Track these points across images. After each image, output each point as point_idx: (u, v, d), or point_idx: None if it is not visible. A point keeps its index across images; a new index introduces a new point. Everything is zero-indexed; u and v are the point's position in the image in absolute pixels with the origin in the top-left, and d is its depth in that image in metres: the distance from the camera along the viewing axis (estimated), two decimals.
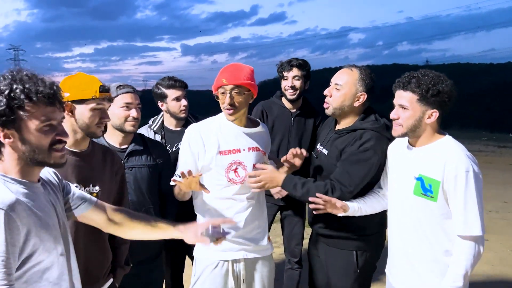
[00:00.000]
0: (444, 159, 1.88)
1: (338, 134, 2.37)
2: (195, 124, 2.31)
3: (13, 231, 1.23)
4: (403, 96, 1.95)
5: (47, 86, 1.36)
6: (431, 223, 1.95)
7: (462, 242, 1.87)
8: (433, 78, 1.90)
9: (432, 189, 1.91)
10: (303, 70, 3.18)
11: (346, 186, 2.18)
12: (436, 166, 1.89)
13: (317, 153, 2.47)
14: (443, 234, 1.93)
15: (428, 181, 1.92)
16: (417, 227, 1.99)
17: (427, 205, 1.94)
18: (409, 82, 1.93)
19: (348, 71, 2.34)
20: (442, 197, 1.89)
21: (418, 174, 1.95)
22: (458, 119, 25.11)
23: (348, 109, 2.33)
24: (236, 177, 2.21)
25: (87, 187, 1.93)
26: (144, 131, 3.11)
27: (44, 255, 1.34)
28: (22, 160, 1.36)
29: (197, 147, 2.18)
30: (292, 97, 3.18)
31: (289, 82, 3.16)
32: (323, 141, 2.46)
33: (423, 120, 1.93)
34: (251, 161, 2.23)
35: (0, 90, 1.30)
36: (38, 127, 1.34)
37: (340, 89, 2.31)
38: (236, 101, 2.14)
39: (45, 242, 1.35)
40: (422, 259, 1.99)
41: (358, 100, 2.31)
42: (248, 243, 2.24)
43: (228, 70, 2.17)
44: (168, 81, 3.02)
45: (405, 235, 2.05)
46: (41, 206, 1.38)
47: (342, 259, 2.38)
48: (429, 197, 1.92)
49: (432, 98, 1.89)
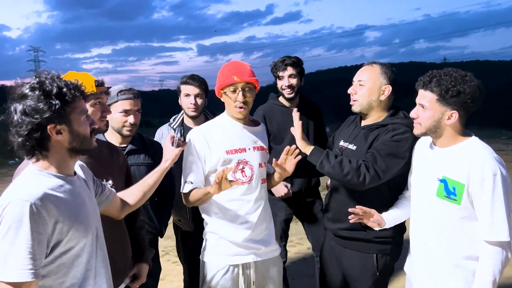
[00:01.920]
0: (469, 162, 1.82)
1: (367, 129, 2.34)
2: (196, 128, 2.28)
3: (38, 221, 1.32)
4: (423, 95, 1.92)
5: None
6: (452, 226, 1.90)
7: (488, 247, 1.81)
8: (455, 78, 1.84)
9: (456, 191, 1.85)
10: (297, 67, 3.19)
11: (378, 166, 2.16)
12: (461, 169, 1.84)
13: (342, 149, 2.42)
14: (465, 237, 1.89)
15: (452, 183, 1.87)
16: (437, 229, 1.95)
17: (449, 208, 1.89)
18: (430, 81, 1.88)
19: (369, 67, 2.35)
20: (467, 200, 1.84)
21: (442, 176, 1.90)
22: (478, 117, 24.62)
23: (375, 103, 2.32)
24: (244, 177, 2.17)
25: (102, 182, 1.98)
26: (165, 129, 3.15)
27: (74, 242, 1.44)
28: (68, 152, 1.48)
29: (203, 150, 2.16)
30: (290, 95, 3.19)
31: (285, 81, 3.16)
32: (348, 138, 2.42)
33: (443, 121, 1.89)
34: (257, 160, 2.20)
35: (47, 90, 1.41)
36: (82, 119, 1.47)
37: (364, 84, 2.31)
38: (248, 99, 2.14)
39: (75, 231, 1.43)
40: (441, 262, 1.94)
41: (383, 93, 2.30)
42: (257, 246, 2.21)
43: (235, 67, 2.15)
44: (185, 78, 3.05)
45: (425, 237, 2.02)
46: (74, 197, 1.48)
47: (361, 262, 2.34)
48: (452, 200, 1.87)
49: (452, 99, 1.84)
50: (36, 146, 1.42)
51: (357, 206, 2.12)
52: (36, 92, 1.39)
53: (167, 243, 5.13)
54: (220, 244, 2.19)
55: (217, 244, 2.20)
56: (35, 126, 1.39)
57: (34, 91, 1.39)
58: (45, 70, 1.47)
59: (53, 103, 1.39)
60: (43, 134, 1.41)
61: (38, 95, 1.39)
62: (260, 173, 2.22)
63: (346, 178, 2.14)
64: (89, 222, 1.51)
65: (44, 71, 1.46)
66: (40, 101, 1.38)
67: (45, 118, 1.38)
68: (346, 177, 2.13)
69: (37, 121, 1.38)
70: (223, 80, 2.16)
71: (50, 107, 1.38)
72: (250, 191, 2.18)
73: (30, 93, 1.39)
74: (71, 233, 1.42)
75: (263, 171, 2.26)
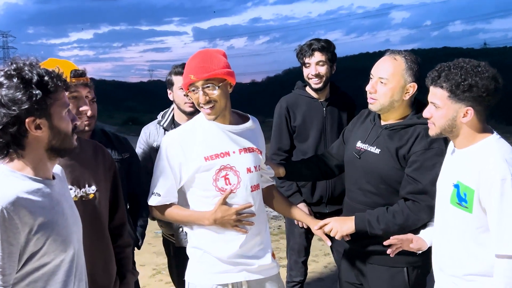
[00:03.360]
0: (480, 164, 1.86)
1: (391, 129, 2.36)
2: (170, 132, 2.27)
3: (9, 229, 1.31)
4: (434, 92, 1.96)
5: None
6: (465, 237, 1.94)
7: (499, 262, 1.84)
8: (466, 70, 1.87)
9: (467, 198, 1.89)
10: (327, 53, 3.14)
11: (422, 199, 2.22)
12: (472, 172, 1.88)
13: (359, 152, 2.44)
14: (479, 251, 1.92)
15: (463, 189, 1.91)
16: (450, 241, 2.00)
17: (463, 217, 1.93)
18: (439, 76, 1.92)
19: (391, 61, 2.33)
20: (479, 208, 1.87)
21: (456, 181, 1.95)
22: None
23: (397, 103, 2.34)
24: (227, 185, 2.14)
25: (83, 188, 1.98)
26: (153, 127, 3.14)
27: (50, 257, 1.42)
28: (46, 152, 1.47)
29: (177, 159, 2.13)
30: (318, 85, 3.16)
31: (312, 69, 3.13)
32: (367, 138, 2.44)
33: (458, 119, 1.92)
34: (245, 164, 2.18)
35: (27, 78, 1.39)
36: (64, 113, 1.47)
37: (386, 83, 2.31)
38: (212, 97, 2.08)
39: (52, 244, 1.42)
40: (456, 277, 2.00)
41: (408, 92, 2.31)
42: (250, 261, 2.19)
43: (193, 62, 2.11)
44: (179, 67, 3.01)
45: (439, 248, 2.07)
46: (52, 204, 1.47)
47: (391, 277, 2.36)
48: (463, 207, 1.91)
49: (464, 94, 1.87)
50: (10, 143, 1.40)
51: (391, 237, 2.19)
52: (14, 80, 1.37)
53: (159, 260, 5.15)
54: (204, 260, 2.18)
55: (200, 260, 2.19)
56: (11, 119, 1.37)
57: (11, 78, 1.38)
58: (21, 56, 1.46)
59: (33, 93, 1.37)
60: (20, 129, 1.39)
61: (16, 83, 1.37)
62: (249, 179, 2.19)
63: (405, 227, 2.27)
64: (68, 235, 1.49)
65: (20, 56, 1.45)
66: (19, 90, 1.36)
67: (24, 110, 1.37)
68: (403, 227, 2.26)
69: (14, 113, 1.36)
70: (183, 79, 2.17)
71: (30, 98, 1.37)
72: (237, 199, 2.16)
73: (6, 81, 1.38)
74: (47, 245, 1.41)
75: (254, 176, 2.22)
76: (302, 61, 3.18)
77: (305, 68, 3.18)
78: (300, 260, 3.34)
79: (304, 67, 3.19)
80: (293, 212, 2.49)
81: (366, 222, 2.30)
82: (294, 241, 3.36)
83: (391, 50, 2.39)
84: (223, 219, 2.11)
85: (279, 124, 3.26)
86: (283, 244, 3.70)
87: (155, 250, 5.34)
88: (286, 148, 3.25)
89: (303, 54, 3.16)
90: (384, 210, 2.31)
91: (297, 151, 3.25)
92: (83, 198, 1.96)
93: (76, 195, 1.94)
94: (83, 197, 1.96)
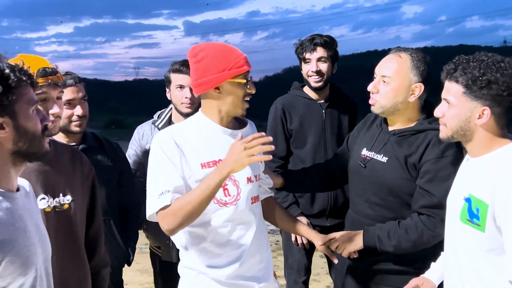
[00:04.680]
0: (496, 175, 1.78)
1: (399, 135, 2.36)
2: (165, 130, 2.19)
3: None
4: (448, 88, 1.89)
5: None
6: (477, 260, 1.86)
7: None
8: (486, 64, 1.80)
9: (479, 214, 1.81)
10: (330, 49, 3.17)
11: (437, 214, 2.21)
12: (486, 184, 1.80)
13: (365, 161, 2.44)
14: (493, 277, 1.82)
15: (476, 203, 1.82)
16: (460, 264, 1.93)
17: (474, 237, 1.84)
18: (455, 69, 1.86)
19: (395, 58, 2.33)
20: (493, 226, 1.78)
21: (468, 194, 1.87)
22: None
23: (402, 106, 2.33)
24: (226, 197, 2.10)
25: (57, 197, 1.94)
26: (147, 128, 3.17)
27: (6, 281, 1.36)
28: (10, 157, 1.41)
29: (177, 152, 2.03)
30: (318, 84, 3.18)
31: (313, 65, 3.15)
32: (373, 146, 2.44)
33: (472, 120, 1.84)
34: (246, 173, 2.13)
35: None
36: (31, 112, 1.42)
37: (389, 82, 2.30)
38: None
39: (9, 265, 1.36)
40: None
41: (413, 94, 2.30)
42: (249, 283, 2.15)
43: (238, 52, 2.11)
44: (176, 65, 3.07)
45: (450, 272, 2.01)
46: (13, 220, 1.40)
47: None
48: (475, 224, 1.83)
49: (482, 91, 1.79)
50: None
51: None
52: None
53: (143, 279, 5.14)
54: (199, 281, 2.13)
55: (195, 282, 2.14)
56: None
57: None
58: None
59: None
60: None
61: None
62: (249, 190, 2.15)
63: (419, 244, 2.28)
64: (30, 256, 1.43)
65: None
66: None
67: None
68: (417, 244, 2.28)
69: None
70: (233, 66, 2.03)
71: None
72: (237, 214, 2.11)
73: None
74: (3, 267, 1.34)
75: (254, 187, 2.19)
76: (302, 57, 3.20)
77: (305, 65, 3.20)
78: (301, 280, 3.32)
79: (304, 63, 3.21)
80: (295, 227, 2.47)
81: (376, 238, 2.29)
82: (293, 259, 3.35)
83: (397, 47, 2.39)
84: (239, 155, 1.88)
85: (274, 127, 3.26)
86: (281, 261, 3.68)
87: (139, 268, 5.31)
88: (282, 154, 3.24)
89: (304, 49, 3.17)
90: (396, 224, 2.30)
91: (294, 157, 3.25)
92: (57, 208, 1.93)
93: (49, 205, 1.91)
94: (56, 207, 1.93)
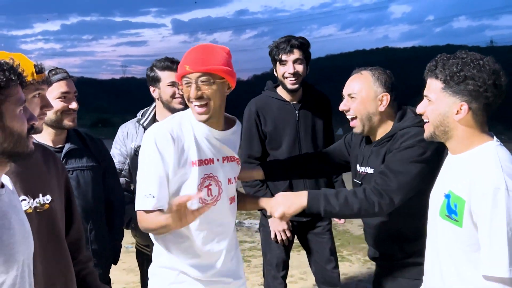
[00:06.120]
0: (473, 171, 1.83)
1: (378, 145, 2.47)
2: (161, 123, 2.17)
3: None
4: (428, 84, 1.95)
5: (12, 63, 1.42)
6: (456, 256, 1.90)
7: (485, 285, 1.78)
8: (464, 61, 1.85)
9: (457, 210, 1.86)
10: (305, 51, 3.24)
11: (389, 186, 2.23)
12: (464, 180, 1.85)
13: (361, 177, 2.53)
14: (471, 273, 1.84)
15: (454, 199, 1.88)
16: (440, 259, 1.97)
17: (453, 232, 1.89)
18: (435, 66, 1.92)
19: (357, 76, 2.47)
20: (470, 222, 1.82)
21: (448, 190, 1.93)
22: None
23: (376, 117, 2.44)
24: (209, 197, 2.10)
25: (37, 198, 1.91)
26: (132, 126, 3.18)
27: None
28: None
29: (170, 154, 2.02)
30: (294, 86, 3.23)
31: (289, 67, 3.20)
32: (363, 160, 2.54)
33: (450, 116, 1.89)
34: (226, 174, 2.16)
35: None
36: (18, 112, 1.41)
37: (356, 97, 2.43)
38: (206, 93, 2.01)
39: None
40: None
41: (382, 103, 2.41)
42: (226, 279, 2.21)
43: (192, 53, 2.07)
44: (164, 62, 3.10)
45: (430, 268, 2.05)
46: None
47: None
48: (453, 220, 1.88)
49: (459, 86, 1.84)
50: None
51: None
52: None
53: (129, 278, 5.13)
54: (180, 281, 2.14)
55: (176, 281, 2.15)
56: None
57: None
58: None
59: None
60: None
61: None
62: (228, 190, 2.18)
63: (360, 214, 2.33)
64: (13, 253, 1.42)
65: None
66: None
67: None
68: (359, 214, 2.31)
69: None
70: (178, 70, 2.13)
71: None
72: (216, 214, 2.13)
73: None
74: None
75: (232, 188, 2.23)
76: (278, 58, 3.24)
77: (281, 66, 3.24)
78: (279, 275, 3.34)
79: (280, 64, 3.25)
80: (246, 202, 2.43)
81: (321, 196, 2.28)
82: (272, 255, 3.38)
83: (358, 68, 2.53)
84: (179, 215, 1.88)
85: (249, 129, 3.31)
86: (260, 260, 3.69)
87: (125, 267, 5.29)
88: (257, 155, 3.30)
89: (280, 51, 3.22)
90: (344, 192, 2.33)
91: (270, 158, 3.29)
92: (38, 209, 1.89)
93: (30, 206, 1.87)
94: (37, 208, 1.89)
